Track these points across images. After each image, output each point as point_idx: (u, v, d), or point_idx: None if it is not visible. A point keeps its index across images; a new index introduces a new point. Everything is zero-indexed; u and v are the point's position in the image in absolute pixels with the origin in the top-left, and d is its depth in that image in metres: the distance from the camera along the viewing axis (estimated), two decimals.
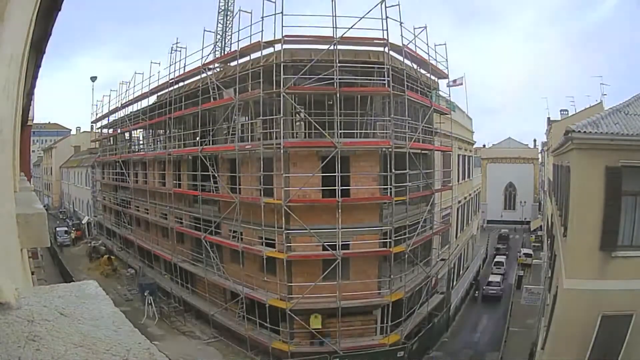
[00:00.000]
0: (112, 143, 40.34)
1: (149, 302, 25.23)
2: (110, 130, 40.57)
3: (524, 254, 41.11)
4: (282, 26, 19.22)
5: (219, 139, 24.26)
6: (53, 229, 42.44)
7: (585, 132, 10.29)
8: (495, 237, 51.95)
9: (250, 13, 21.12)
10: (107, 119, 39.87)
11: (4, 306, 1.28)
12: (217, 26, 37.59)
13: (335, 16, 19.51)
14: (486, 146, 69.11)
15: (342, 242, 19.45)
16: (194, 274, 25.50)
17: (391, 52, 20.48)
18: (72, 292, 1.49)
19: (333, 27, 19.52)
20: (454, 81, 26.92)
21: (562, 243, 12.68)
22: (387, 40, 19.94)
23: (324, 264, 19.75)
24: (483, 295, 32.46)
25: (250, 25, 20.60)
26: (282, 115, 19.42)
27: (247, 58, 21.66)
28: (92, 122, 45.79)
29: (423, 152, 23.44)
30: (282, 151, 19.32)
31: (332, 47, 19.54)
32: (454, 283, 30.31)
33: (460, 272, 33.97)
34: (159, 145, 33.07)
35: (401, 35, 20.48)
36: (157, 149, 31.50)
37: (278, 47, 19.86)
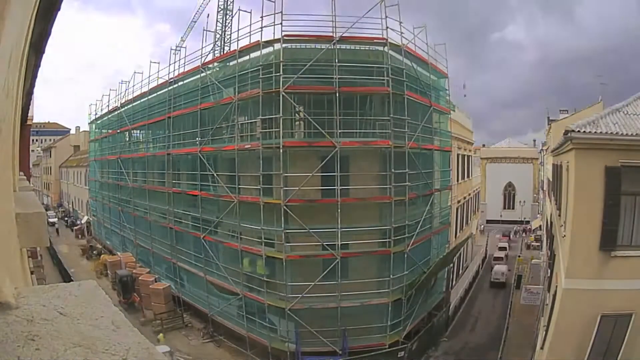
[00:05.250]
0: (110, 142, 40.26)
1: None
2: (110, 130, 40.53)
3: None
4: (282, 25, 19.25)
5: (219, 139, 24.24)
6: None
7: (584, 131, 10.28)
8: (495, 237, 51.10)
9: (250, 12, 21.17)
10: (106, 117, 39.97)
11: (3, 306, 1.28)
12: (216, 25, 37.62)
13: (335, 15, 19.58)
14: (486, 146, 69.20)
15: (341, 242, 19.44)
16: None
17: (391, 52, 20.48)
18: (71, 291, 1.48)
19: (333, 27, 19.55)
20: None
21: (562, 243, 12.68)
22: (387, 39, 19.96)
23: (324, 263, 19.75)
24: None
25: (250, 24, 20.66)
26: (281, 114, 19.41)
27: (247, 57, 21.65)
28: (89, 123, 45.75)
29: (423, 151, 23.40)
30: (281, 151, 19.31)
31: (331, 47, 19.55)
32: (454, 283, 30.31)
33: (460, 272, 33.97)
34: (158, 144, 33.00)
35: (401, 34, 20.52)
36: (156, 148, 31.47)
37: (277, 46, 19.86)
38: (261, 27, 19.96)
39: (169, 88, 27.32)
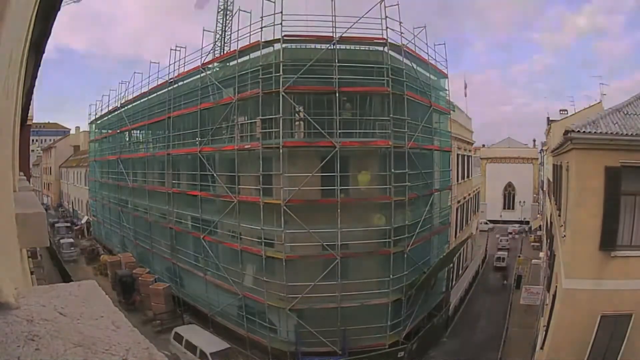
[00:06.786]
0: (110, 142, 40.24)
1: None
2: (110, 130, 40.53)
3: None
4: (282, 25, 19.25)
5: (218, 139, 24.24)
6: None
7: (584, 132, 10.30)
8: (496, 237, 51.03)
9: (250, 13, 21.18)
10: (106, 118, 40.01)
11: (3, 306, 1.28)
12: (216, 26, 37.56)
13: (335, 16, 19.58)
14: (486, 146, 69.20)
15: (341, 242, 19.44)
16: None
17: (390, 52, 20.49)
18: (71, 291, 1.48)
19: (332, 27, 19.55)
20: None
21: (562, 243, 12.69)
22: (387, 40, 19.97)
23: (324, 264, 19.75)
24: None
25: (250, 24, 20.66)
26: (281, 114, 19.42)
27: (247, 57, 21.66)
28: (89, 123, 45.75)
29: (423, 151, 23.39)
30: (281, 151, 19.31)
31: (331, 47, 19.56)
32: (454, 283, 30.30)
33: (460, 272, 33.96)
34: (158, 144, 33.00)
35: (401, 34, 20.53)
36: (156, 149, 31.47)
37: (277, 46, 19.87)
38: (261, 27, 19.97)
39: (169, 88, 27.32)
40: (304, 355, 19.57)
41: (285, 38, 19.61)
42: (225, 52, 32.40)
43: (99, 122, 42.63)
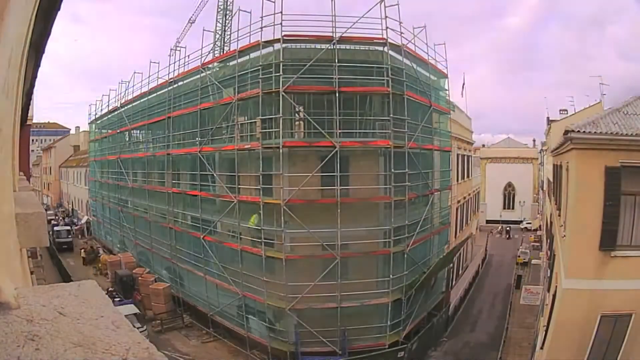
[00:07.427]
0: (110, 142, 40.22)
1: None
2: (110, 130, 40.51)
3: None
4: (282, 25, 19.25)
5: (218, 139, 24.23)
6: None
7: (584, 132, 10.30)
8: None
9: (250, 12, 21.17)
10: (106, 117, 40.00)
11: (3, 306, 1.28)
12: (216, 25, 37.64)
13: (335, 15, 19.59)
14: (485, 146, 69.22)
15: (341, 242, 19.44)
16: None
17: (390, 52, 20.49)
18: (71, 291, 1.48)
19: (332, 27, 19.56)
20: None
21: (562, 243, 12.69)
22: (387, 39, 19.97)
23: (324, 263, 19.75)
24: None
25: (250, 24, 20.66)
26: (281, 114, 19.42)
27: (247, 57, 21.66)
28: (89, 123, 45.74)
29: (423, 151, 23.39)
30: (281, 151, 19.31)
31: (331, 47, 19.56)
32: (454, 283, 30.30)
33: (460, 272, 33.96)
34: (158, 144, 32.99)
35: (400, 34, 20.52)
36: (156, 148, 31.46)
37: (277, 46, 19.86)
38: (261, 27, 19.97)
39: (169, 88, 27.31)
40: (304, 355, 19.57)
41: (285, 38, 19.61)
42: (225, 51, 32.42)
43: (99, 122, 42.61)
